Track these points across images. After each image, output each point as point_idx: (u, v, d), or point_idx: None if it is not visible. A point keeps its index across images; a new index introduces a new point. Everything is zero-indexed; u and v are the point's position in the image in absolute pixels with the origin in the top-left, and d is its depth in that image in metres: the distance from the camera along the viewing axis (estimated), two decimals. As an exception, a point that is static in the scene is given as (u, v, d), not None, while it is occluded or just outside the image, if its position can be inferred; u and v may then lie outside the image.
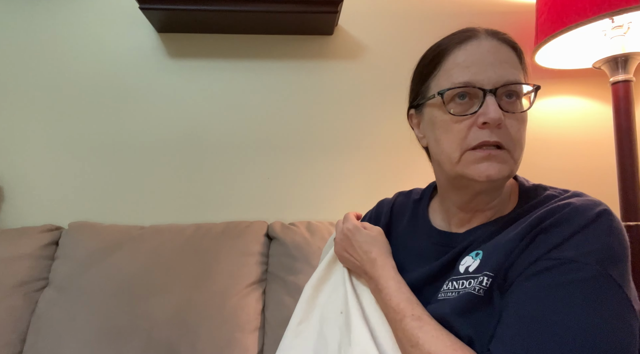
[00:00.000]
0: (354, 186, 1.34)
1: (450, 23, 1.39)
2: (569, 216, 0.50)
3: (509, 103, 0.56)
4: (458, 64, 0.57)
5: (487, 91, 0.54)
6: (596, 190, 1.35)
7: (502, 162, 0.55)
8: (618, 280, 0.47)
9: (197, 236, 1.15)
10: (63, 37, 1.33)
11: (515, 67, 0.57)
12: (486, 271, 0.53)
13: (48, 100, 1.31)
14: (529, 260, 0.50)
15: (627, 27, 1.07)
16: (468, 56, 0.57)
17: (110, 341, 0.98)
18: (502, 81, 0.55)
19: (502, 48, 0.57)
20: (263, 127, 1.34)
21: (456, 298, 0.54)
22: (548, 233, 0.51)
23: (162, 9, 1.18)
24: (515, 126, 0.56)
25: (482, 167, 0.55)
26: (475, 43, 0.57)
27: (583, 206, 0.51)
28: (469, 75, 0.56)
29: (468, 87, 0.56)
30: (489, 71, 0.55)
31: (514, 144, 0.55)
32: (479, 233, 0.60)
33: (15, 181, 1.29)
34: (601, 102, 1.38)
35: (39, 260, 1.12)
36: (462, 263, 0.58)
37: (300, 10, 1.20)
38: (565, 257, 0.48)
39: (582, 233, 0.49)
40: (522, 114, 0.57)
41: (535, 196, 0.59)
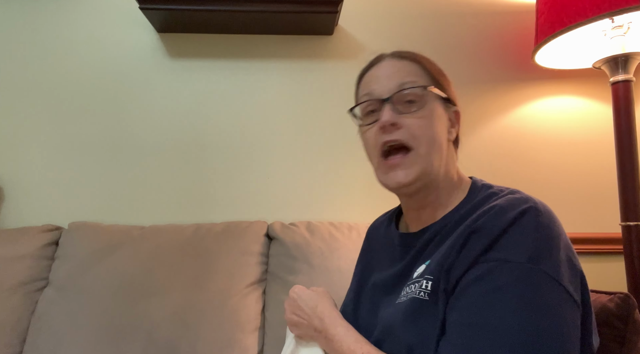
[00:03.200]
0: (354, 186, 1.34)
1: (450, 23, 1.39)
2: (495, 217, 0.53)
3: (408, 106, 0.62)
4: (364, 84, 0.68)
5: (383, 100, 0.62)
6: (596, 190, 1.35)
7: (406, 167, 0.61)
8: (552, 273, 0.49)
9: (197, 236, 1.15)
10: (63, 37, 1.33)
11: (412, 75, 0.64)
12: (427, 275, 0.57)
13: (48, 100, 1.31)
14: (466, 261, 0.52)
15: (627, 27, 1.07)
16: (370, 77, 0.67)
17: (110, 341, 0.98)
18: (396, 87, 0.62)
19: (400, 63, 0.66)
20: (263, 127, 1.34)
21: (405, 304, 0.58)
22: (479, 233, 0.53)
23: (162, 9, 1.18)
24: (416, 124, 0.61)
25: (391, 175, 0.62)
26: (377, 65, 0.67)
27: (508, 205, 0.54)
28: (368, 88, 0.66)
29: (370, 100, 0.65)
30: (384, 82, 0.64)
31: (417, 140, 0.61)
32: (429, 233, 0.63)
33: (15, 182, 1.29)
34: (601, 102, 1.38)
35: (39, 260, 1.12)
36: (417, 270, 0.61)
37: (300, 10, 1.20)
38: (498, 258, 0.50)
39: (509, 233, 0.51)
40: (422, 112, 0.62)
41: (479, 194, 0.63)
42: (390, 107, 0.61)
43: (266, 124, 1.34)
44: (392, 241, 0.72)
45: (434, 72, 0.66)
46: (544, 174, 1.35)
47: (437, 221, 0.64)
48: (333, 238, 1.14)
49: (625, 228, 1.07)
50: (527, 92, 1.38)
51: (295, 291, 0.71)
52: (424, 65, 0.66)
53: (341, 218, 1.31)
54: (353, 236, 1.16)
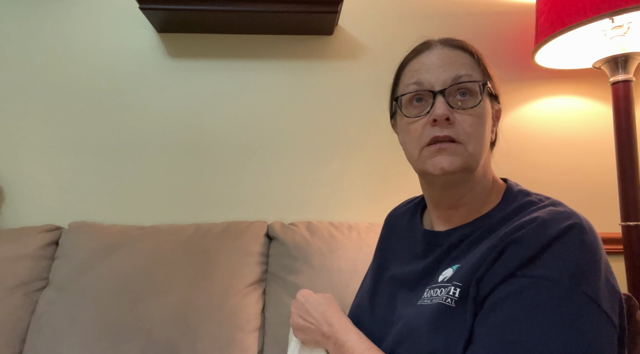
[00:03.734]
0: (354, 186, 1.34)
1: (450, 23, 1.39)
2: (537, 230, 0.50)
3: (462, 100, 0.59)
4: (411, 72, 0.64)
5: (437, 92, 0.59)
6: (596, 190, 1.35)
7: (453, 154, 0.58)
8: (592, 295, 0.47)
9: (197, 236, 1.15)
10: (63, 37, 1.33)
11: (467, 67, 0.60)
12: (455, 281, 0.55)
13: (48, 100, 1.31)
14: (501, 272, 0.50)
15: (627, 27, 1.07)
16: (419, 64, 0.63)
17: (110, 341, 0.98)
18: (450, 80, 0.59)
19: (452, 52, 0.62)
20: (263, 127, 1.34)
21: (430, 308, 0.56)
22: (518, 245, 0.50)
23: (162, 9, 1.18)
24: (468, 121, 0.58)
25: (435, 160, 0.59)
26: (427, 53, 0.63)
27: (552, 219, 0.51)
28: (417, 76, 0.62)
29: (419, 91, 0.61)
30: (437, 72, 0.60)
31: (468, 137, 0.58)
32: (457, 235, 0.61)
33: (15, 182, 1.29)
34: (601, 102, 1.38)
35: (39, 260, 1.12)
36: (443, 273, 0.59)
37: (300, 10, 1.20)
38: (538, 275, 0.48)
39: (552, 248, 0.49)
40: (476, 110, 0.59)
41: (516, 201, 0.60)
42: (444, 100, 0.58)
43: (266, 124, 1.34)
44: (415, 236, 0.70)
45: (484, 65, 0.63)
46: (543, 174, 1.35)
47: (467, 223, 0.61)
48: (333, 238, 1.14)
49: (625, 228, 1.07)
50: (527, 92, 1.38)
51: (303, 294, 0.68)
52: (477, 58, 0.62)
53: (341, 218, 1.31)
54: (353, 236, 1.16)
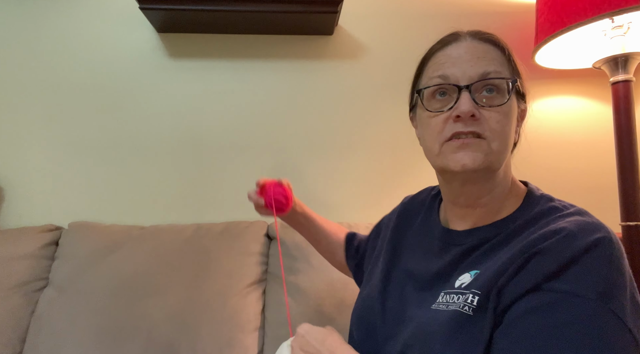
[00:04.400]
0: (354, 186, 1.34)
1: (451, 23, 1.39)
2: (565, 241, 0.49)
3: (489, 97, 0.57)
4: (436, 64, 0.61)
5: (463, 87, 0.56)
6: (596, 190, 1.35)
7: (476, 150, 0.55)
8: (619, 312, 0.46)
9: (197, 236, 1.15)
10: (63, 37, 1.33)
11: (496, 63, 0.58)
12: (473, 289, 0.53)
13: (48, 100, 1.31)
14: (525, 284, 0.49)
15: (627, 27, 1.07)
16: (445, 57, 0.60)
17: (110, 341, 0.98)
18: (477, 76, 0.56)
19: (482, 46, 0.59)
20: (263, 127, 1.34)
21: (446, 315, 0.54)
22: (544, 257, 0.49)
23: (162, 9, 1.18)
24: (495, 118, 0.56)
25: (457, 156, 0.56)
26: (455, 45, 0.60)
27: (580, 231, 0.49)
28: (443, 69, 0.59)
29: (443, 85, 0.58)
30: (464, 66, 0.57)
31: (493, 135, 0.56)
32: (476, 237, 0.60)
33: (15, 181, 1.29)
34: (601, 102, 1.38)
35: (39, 260, 1.12)
36: (460, 278, 0.57)
37: (300, 10, 1.20)
38: (566, 291, 0.46)
39: (580, 263, 0.47)
40: (503, 107, 0.56)
41: (538, 206, 0.59)
42: (469, 96, 0.56)
43: (266, 124, 1.34)
44: (431, 232, 0.68)
45: (513, 61, 0.60)
46: (544, 174, 1.35)
47: (486, 225, 0.60)
48: (333, 238, 1.15)
49: (625, 228, 1.07)
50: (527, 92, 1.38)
51: (304, 328, 0.66)
52: (505, 54, 0.59)
53: (341, 218, 1.31)
54: (353, 236, 1.16)
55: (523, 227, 0.56)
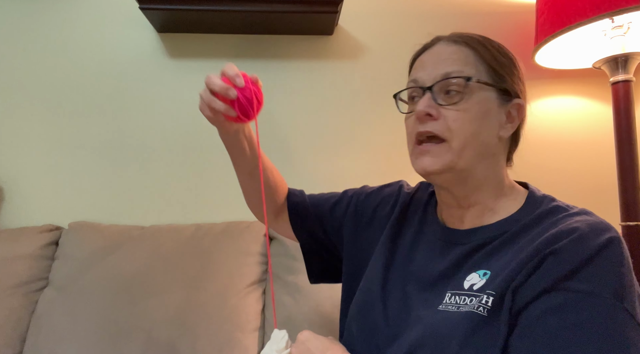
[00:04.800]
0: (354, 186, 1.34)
1: (451, 23, 1.39)
2: (579, 242, 0.49)
3: (449, 97, 0.59)
4: (412, 70, 0.65)
5: (425, 88, 0.60)
6: (596, 190, 1.35)
7: (436, 155, 0.58)
8: (631, 311, 0.47)
9: (197, 236, 1.15)
10: (63, 37, 1.33)
11: (460, 63, 0.59)
12: (488, 290, 0.53)
13: (48, 100, 1.31)
14: (540, 284, 0.49)
15: (627, 27, 1.07)
16: (419, 62, 0.64)
17: (110, 341, 0.98)
18: (440, 76, 0.59)
19: (451, 48, 0.61)
20: (263, 127, 1.34)
21: (458, 316, 0.54)
22: (558, 257, 0.49)
23: (162, 9, 1.18)
24: (452, 116, 0.58)
25: (419, 161, 0.60)
26: (429, 50, 0.64)
27: (591, 231, 0.50)
28: (415, 74, 0.63)
29: (410, 88, 0.63)
30: (429, 69, 0.61)
31: (452, 134, 0.57)
32: (480, 237, 0.59)
33: (15, 181, 1.29)
34: (601, 102, 1.38)
35: (39, 260, 1.12)
36: (468, 279, 0.57)
37: (300, 10, 1.20)
38: (583, 290, 0.47)
39: (595, 263, 0.48)
40: (460, 105, 0.58)
41: (541, 205, 0.59)
42: (430, 96, 0.59)
43: (266, 124, 1.34)
44: (431, 231, 0.68)
45: (491, 60, 0.61)
46: (543, 174, 1.35)
47: (489, 225, 0.60)
48: (333, 238, 1.14)
49: (625, 228, 1.07)
50: (527, 92, 1.38)
51: (305, 335, 0.64)
52: (479, 52, 0.60)
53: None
54: (353, 236, 1.16)
55: (529, 226, 0.57)
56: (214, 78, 0.61)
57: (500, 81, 0.60)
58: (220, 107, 0.61)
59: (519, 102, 0.62)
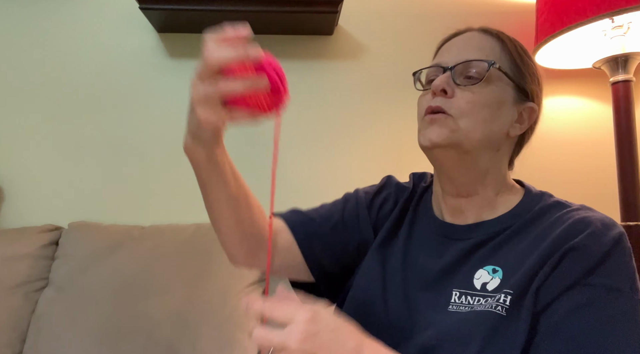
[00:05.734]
0: (354, 185, 1.34)
1: (451, 23, 1.38)
2: (595, 237, 0.51)
3: (468, 80, 0.58)
4: (438, 52, 0.65)
5: (447, 68, 0.59)
6: (596, 190, 1.35)
7: (441, 125, 0.57)
8: None
9: (197, 236, 1.15)
10: (63, 37, 1.33)
11: (486, 51, 0.59)
12: (505, 289, 0.52)
13: (48, 100, 1.31)
14: (563, 282, 0.50)
15: (627, 27, 1.07)
16: (446, 45, 0.64)
17: (110, 341, 0.98)
18: (461, 59, 0.59)
19: (481, 36, 0.61)
20: (262, 127, 1.34)
21: (475, 316, 0.53)
22: (578, 253, 0.50)
23: (162, 9, 1.18)
24: (466, 97, 0.57)
25: (426, 131, 0.58)
26: (458, 36, 0.64)
27: (603, 226, 0.52)
28: (440, 57, 0.63)
29: (434, 67, 0.61)
30: (454, 52, 0.60)
31: (460, 113, 0.57)
32: (482, 232, 0.59)
33: (15, 181, 1.29)
34: (601, 102, 1.38)
35: (39, 260, 1.12)
36: (477, 276, 0.56)
37: (300, 10, 1.20)
38: (604, 285, 0.49)
39: (612, 257, 0.50)
40: (476, 88, 0.57)
41: (541, 201, 0.59)
42: (449, 74, 0.58)
43: (266, 124, 1.34)
44: (428, 226, 0.66)
45: (516, 56, 0.60)
46: (544, 174, 1.35)
47: (491, 220, 0.59)
48: (333, 238, 1.14)
49: (625, 228, 1.06)
50: (527, 92, 1.38)
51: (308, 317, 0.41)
52: (506, 45, 0.60)
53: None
54: (353, 236, 1.16)
55: (533, 221, 0.57)
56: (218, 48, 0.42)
57: (520, 78, 0.60)
58: (238, 86, 0.44)
59: (532, 106, 0.62)
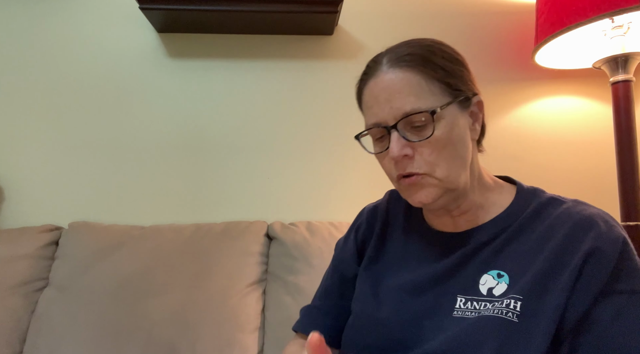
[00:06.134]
0: (354, 186, 1.34)
1: (450, 23, 1.39)
2: (608, 238, 0.52)
3: (417, 131, 0.56)
4: (366, 106, 0.61)
5: (389, 128, 0.57)
6: (596, 190, 1.35)
7: (424, 186, 0.57)
8: None
9: (197, 236, 1.15)
10: (63, 37, 1.33)
11: (416, 93, 0.56)
12: (513, 294, 0.52)
13: (48, 100, 1.31)
14: (592, 289, 0.50)
15: (627, 27, 1.07)
16: (370, 97, 0.59)
17: (110, 341, 0.98)
18: (400, 114, 0.56)
19: (398, 77, 0.57)
20: (263, 127, 1.34)
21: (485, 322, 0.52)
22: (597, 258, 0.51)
23: (162, 9, 1.18)
24: (427, 151, 0.56)
25: (412, 196, 0.59)
26: (373, 81, 0.59)
27: (606, 224, 0.53)
28: (373, 117, 0.59)
29: (378, 129, 0.59)
30: (386, 108, 0.57)
31: (431, 167, 0.56)
32: (481, 235, 0.59)
33: (15, 181, 1.29)
34: (601, 102, 1.38)
35: (39, 260, 1.12)
36: (482, 282, 0.56)
37: (300, 10, 1.20)
38: (631, 290, 0.50)
39: (625, 258, 0.51)
40: (436, 133, 0.55)
41: (535, 197, 0.59)
42: (398, 135, 0.56)
43: (266, 124, 1.34)
44: (423, 238, 0.66)
45: (443, 76, 0.57)
46: (544, 174, 1.35)
47: (486, 223, 0.60)
48: (333, 238, 1.14)
49: (625, 228, 1.07)
50: (527, 92, 1.38)
51: None
52: (428, 74, 0.56)
53: (341, 218, 1.31)
54: (353, 236, 1.16)
55: (530, 220, 0.57)
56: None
57: (457, 93, 0.58)
58: None
59: (477, 99, 0.61)
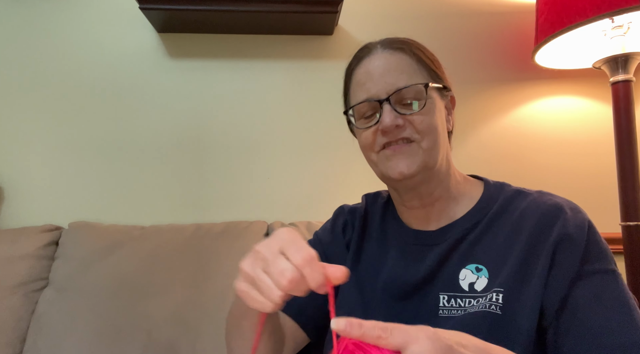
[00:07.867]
0: (354, 186, 1.34)
1: (450, 23, 1.39)
2: (574, 223, 0.54)
3: (409, 105, 0.60)
4: (357, 83, 0.63)
5: (383, 100, 0.59)
6: (596, 190, 1.35)
7: (409, 155, 0.58)
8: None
9: (197, 236, 1.15)
10: (63, 37, 1.33)
11: (408, 71, 0.60)
12: (495, 288, 0.54)
13: (48, 100, 1.31)
14: (567, 276, 0.52)
15: (627, 27, 1.07)
16: (363, 74, 0.62)
17: (110, 341, 0.98)
18: (393, 89, 0.59)
19: (393, 57, 0.61)
20: (263, 127, 1.34)
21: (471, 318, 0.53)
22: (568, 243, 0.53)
23: (162, 9, 1.18)
24: (418, 119, 0.59)
25: (393, 164, 0.59)
26: (368, 60, 0.62)
27: (571, 209, 0.56)
28: (365, 92, 0.61)
29: (369, 102, 0.61)
30: (380, 83, 0.60)
31: (421, 135, 0.58)
32: (457, 231, 0.60)
33: (15, 181, 1.29)
34: (601, 102, 1.38)
35: (39, 260, 1.12)
36: (462, 277, 0.57)
37: (300, 10, 1.20)
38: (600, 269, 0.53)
39: (592, 240, 0.54)
40: (425, 108, 0.59)
41: (502, 191, 0.62)
42: (390, 107, 0.58)
43: (266, 124, 1.34)
44: (399, 238, 0.66)
45: (429, 61, 0.63)
46: (543, 174, 1.35)
47: (459, 219, 0.61)
48: (333, 238, 1.14)
49: (625, 228, 1.07)
50: (527, 92, 1.38)
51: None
52: (419, 57, 0.62)
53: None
54: (353, 236, 1.16)
55: (500, 213, 0.60)
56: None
57: (440, 80, 0.63)
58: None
59: (451, 95, 0.66)
